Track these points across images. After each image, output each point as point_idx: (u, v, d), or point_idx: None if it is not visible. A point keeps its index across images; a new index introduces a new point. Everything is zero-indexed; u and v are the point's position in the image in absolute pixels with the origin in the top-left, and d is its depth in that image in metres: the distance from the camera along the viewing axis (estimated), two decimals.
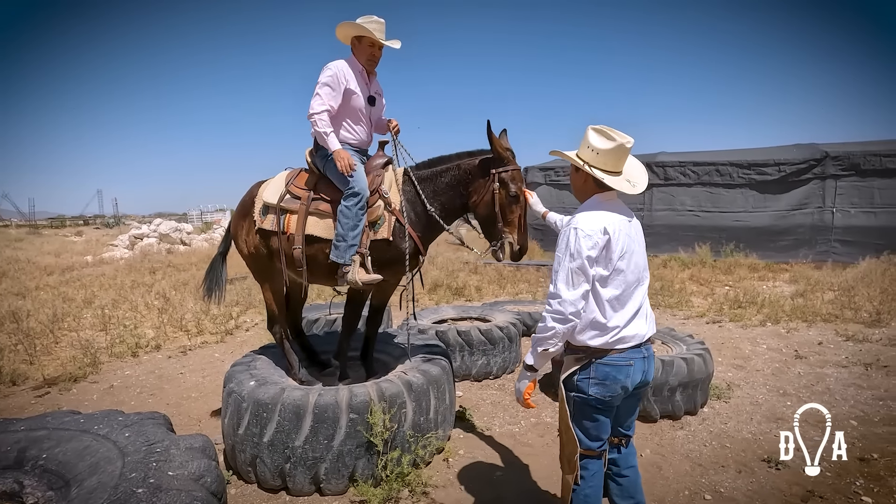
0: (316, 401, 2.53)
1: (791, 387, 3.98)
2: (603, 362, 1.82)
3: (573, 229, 1.78)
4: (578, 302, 1.75)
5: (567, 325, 1.75)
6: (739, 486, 2.65)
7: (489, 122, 2.67)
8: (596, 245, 1.76)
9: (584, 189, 1.95)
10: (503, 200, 2.73)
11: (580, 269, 1.74)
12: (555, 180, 13.03)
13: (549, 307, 1.77)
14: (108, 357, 5.03)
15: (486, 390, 4.09)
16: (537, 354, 1.83)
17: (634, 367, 1.86)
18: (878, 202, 9.93)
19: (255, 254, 3.15)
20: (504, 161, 2.73)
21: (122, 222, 44.43)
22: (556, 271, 1.78)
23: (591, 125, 1.88)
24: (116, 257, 13.67)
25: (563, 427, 1.91)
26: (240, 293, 7.55)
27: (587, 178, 1.90)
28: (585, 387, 1.83)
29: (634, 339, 1.85)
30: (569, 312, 1.73)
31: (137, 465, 1.67)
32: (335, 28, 2.96)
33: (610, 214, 1.84)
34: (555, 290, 1.76)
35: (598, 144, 1.84)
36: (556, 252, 1.82)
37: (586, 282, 1.75)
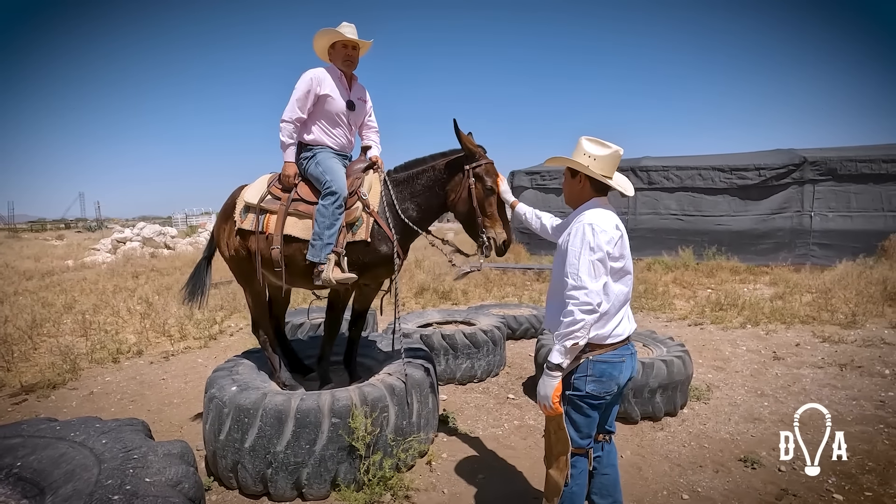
0: (298, 405, 2.53)
1: (769, 387, 4.07)
2: (599, 359, 1.89)
3: (587, 225, 1.84)
4: (601, 293, 1.80)
5: (594, 316, 1.79)
6: (716, 485, 2.70)
7: (455, 121, 2.70)
8: (612, 240, 1.84)
9: (580, 195, 2.04)
10: (480, 195, 2.75)
11: (601, 261, 1.81)
12: (540, 184, 13.14)
13: (575, 300, 1.78)
14: (88, 363, 4.96)
15: (471, 394, 4.11)
16: (566, 350, 1.82)
17: (626, 363, 1.94)
18: (854, 206, 10.19)
19: (237, 256, 3.15)
20: (476, 156, 2.76)
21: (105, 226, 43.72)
22: (573, 265, 1.82)
23: (584, 136, 1.99)
24: (98, 261, 13.45)
25: (555, 427, 1.93)
26: (224, 297, 7.49)
27: (585, 183, 2.00)
28: (582, 384, 1.89)
29: (624, 335, 1.94)
30: (595, 303, 1.77)
31: (114, 471, 1.66)
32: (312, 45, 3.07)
33: (613, 214, 1.95)
34: (579, 282, 1.79)
35: (595, 152, 1.96)
36: (570, 247, 1.86)
37: (606, 274, 1.83)
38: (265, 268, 3.05)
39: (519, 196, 13.38)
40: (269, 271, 3.06)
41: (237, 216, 3.09)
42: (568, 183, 2.09)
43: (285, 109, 2.92)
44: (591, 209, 1.95)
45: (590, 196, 2.01)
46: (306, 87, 2.90)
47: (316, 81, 2.92)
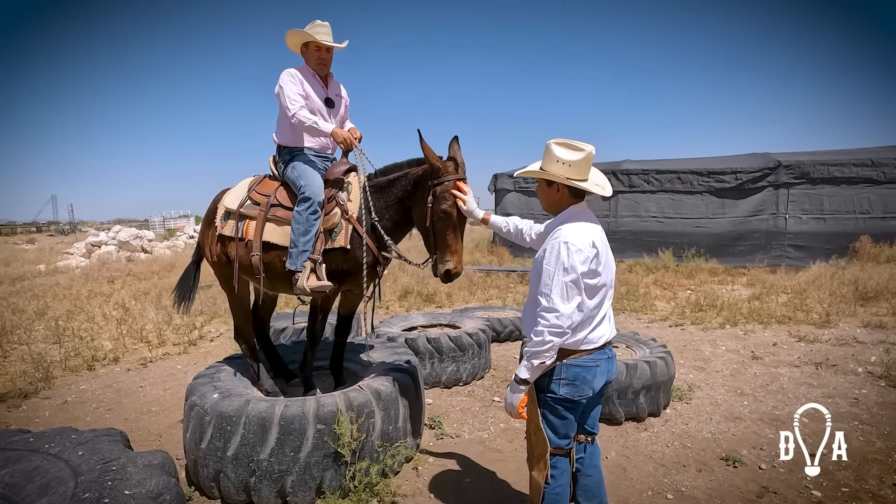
0: (282, 412, 2.49)
1: (748, 387, 4.15)
2: (572, 364, 1.89)
3: (563, 244, 1.81)
4: (574, 314, 1.79)
5: (563, 338, 1.80)
6: (699, 484, 2.74)
7: (419, 132, 2.53)
8: (587, 259, 1.81)
9: (559, 203, 1.99)
10: (434, 216, 2.53)
11: (574, 283, 1.78)
12: (524, 187, 13.22)
13: (545, 321, 1.78)
14: (62, 371, 4.81)
15: (456, 397, 4.11)
16: (533, 368, 1.84)
17: (601, 367, 1.94)
18: (827, 209, 10.50)
19: (219, 261, 3.10)
20: (438, 172, 2.52)
21: (79, 229, 42.58)
22: (547, 285, 1.80)
23: (552, 140, 1.94)
24: (72, 266, 13.09)
25: (534, 428, 1.96)
26: (204, 302, 7.35)
27: (562, 191, 1.95)
28: (556, 388, 1.90)
29: (600, 341, 1.93)
30: (566, 326, 1.77)
31: (91, 484, 1.61)
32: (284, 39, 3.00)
33: (591, 226, 1.91)
34: (550, 304, 1.78)
35: (567, 157, 1.89)
36: (545, 265, 1.83)
37: (579, 294, 1.80)
38: (246, 274, 3.00)
39: (503, 199, 13.46)
40: (250, 277, 3.01)
41: (218, 222, 3.04)
42: (544, 192, 2.04)
43: (287, 108, 2.78)
44: (568, 222, 1.91)
45: (568, 203, 1.97)
46: (292, 80, 2.85)
47: (297, 79, 2.88)
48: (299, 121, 2.78)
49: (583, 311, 1.84)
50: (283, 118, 2.91)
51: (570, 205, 1.97)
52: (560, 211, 1.99)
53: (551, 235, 1.91)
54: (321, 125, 2.79)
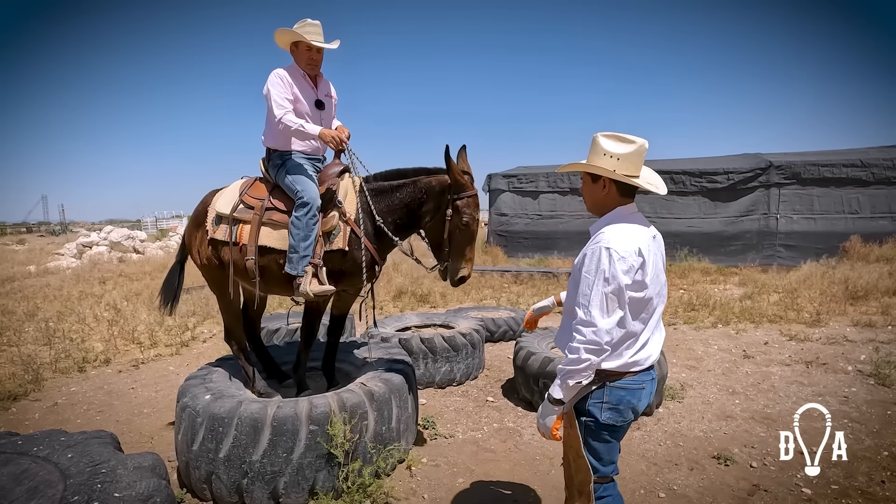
0: (275, 413, 2.48)
1: (739, 385, 4.18)
2: (617, 386, 1.71)
3: (604, 249, 1.60)
4: (614, 330, 1.59)
5: (602, 356, 1.60)
6: (691, 483, 2.75)
7: (447, 148, 2.63)
8: (631, 269, 1.61)
9: (605, 202, 1.78)
10: (454, 228, 2.69)
11: (615, 294, 1.58)
12: (518, 187, 13.25)
13: (581, 337, 1.59)
14: (52, 373, 4.76)
15: (450, 397, 4.11)
16: (568, 388, 1.65)
17: (646, 390, 1.75)
18: (817, 209, 10.61)
19: (209, 265, 3.07)
20: (461, 188, 2.68)
21: (70, 230, 42.20)
22: (585, 295, 1.61)
23: (599, 132, 1.74)
24: (63, 267, 12.97)
25: (573, 454, 1.77)
26: (197, 303, 7.30)
27: (609, 188, 1.75)
28: (597, 412, 1.71)
29: (647, 362, 1.74)
30: (605, 342, 1.58)
31: (80, 487, 1.59)
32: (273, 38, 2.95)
33: (639, 231, 1.69)
34: (587, 317, 1.59)
35: (616, 150, 1.69)
36: (584, 272, 1.63)
37: (621, 308, 1.60)
38: (241, 277, 2.98)
39: (497, 199, 13.48)
40: (244, 281, 2.99)
41: (209, 225, 3.00)
42: (588, 188, 1.82)
43: (274, 111, 2.76)
44: (610, 222, 1.71)
45: (615, 202, 1.76)
46: (280, 81, 2.81)
47: (286, 81, 2.84)
48: (286, 125, 2.76)
49: (625, 328, 1.64)
50: (271, 121, 2.86)
51: (617, 205, 1.76)
52: (606, 212, 1.78)
53: (593, 239, 1.71)
54: (307, 128, 2.76)
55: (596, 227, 1.77)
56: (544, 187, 12.93)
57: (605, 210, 1.78)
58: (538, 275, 9.28)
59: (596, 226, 1.78)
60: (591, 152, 1.75)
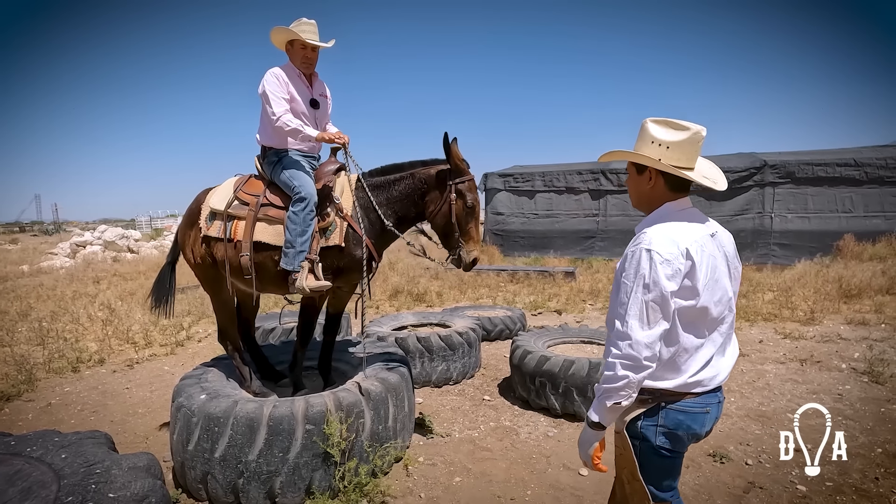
0: (270, 413, 2.47)
1: (734, 383, 4.20)
2: (675, 408, 1.49)
3: (645, 251, 1.41)
4: (655, 344, 1.40)
5: (642, 374, 1.40)
6: (687, 480, 2.76)
7: (447, 134, 2.72)
8: (677, 273, 1.40)
9: (651, 196, 1.57)
10: (460, 211, 2.79)
11: (657, 302, 1.39)
12: (513, 186, 13.26)
13: (617, 350, 1.41)
14: (46, 373, 4.73)
15: (447, 396, 4.11)
16: (606, 409, 1.45)
17: (710, 414, 1.53)
18: (812, 208, 10.67)
19: (203, 263, 3.05)
20: (461, 172, 2.78)
21: (63, 229, 41.92)
22: (623, 304, 1.42)
23: (649, 118, 1.53)
24: (56, 266, 12.89)
25: (628, 476, 1.57)
26: (192, 303, 7.28)
27: (656, 181, 1.54)
28: (651, 435, 1.51)
29: (713, 382, 1.51)
30: (644, 357, 1.38)
31: (74, 488, 1.58)
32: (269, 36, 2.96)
33: (690, 229, 1.48)
34: (624, 328, 1.40)
35: (667, 137, 1.49)
36: (623, 278, 1.45)
37: (665, 319, 1.40)
38: (234, 275, 2.97)
39: (492, 199, 13.49)
40: (238, 279, 2.98)
41: (203, 223, 2.99)
42: (633, 181, 1.61)
43: (272, 111, 2.77)
44: (656, 221, 1.51)
45: (663, 197, 1.55)
46: (276, 81, 2.82)
47: (282, 80, 2.84)
48: (283, 125, 2.77)
49: (677, 342, 1.45)
50: (266, 120, 2.87)
51: (666, 200, 1.55)
52: (653, 208, 1.57)
53: (634, 239, 1.50)
54: (306, 130, 2.80)
55: (640, 226, 1.56)
56: (540, 186, 12.94)
57: (652, 206, 1.57)
58: (534, 274, 9.30)
59: (641, 225, 1.57)
60: (639, 140, 1.54)
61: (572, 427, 3.43)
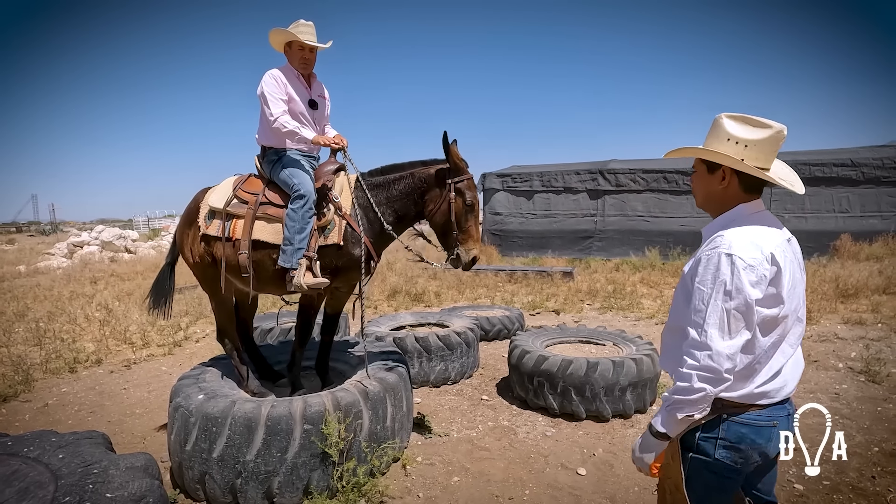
0: (268, 413, 2.46)
1: None
2: (738, 421, 1.39)
3: (725, 256, 1.31)
4: (737, 355, 1.30)
5: (721, 386, 1.30)
6: None
7: (446, 133, 2.73)
8: (762, 280, 1.30)
9: (723, 198, 1.46)
10: (459, 210, 2.80)
11: (740, 311, 1.29)
12: (512, 186, 13.28)
13: (694, 362, 1.30)
14: (43, 374, 4.71)
15: (445, 396, 4.11)
16: (676, 421, 1.37)
17: (777, 428, 1.45)
18: (809, 208, 10.71)
19: (201, 262, 3.05)
20: (460, 171, 2.80)
21: (60, 229, 41.82)
22: (700, 312, 1.32)
23: (723, 113, 1.43)
24: (53, 266, 12.85)
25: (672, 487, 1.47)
26: (189, 303, 7.26)
27: (730, 181, 1.42)
28: (710, 448, 1.40)
29: (780, 394, 1.42)
30: (725, 369, 1.28)
31: (72, 488, 1.58)
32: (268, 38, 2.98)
33: (769, 233, 1.37)
34: (703, 338, 1.30)
35: (745, 135, 1.38)
36: (697, 284, 1.34)
37: (747, 328, 1.30)
38: (232, 274, 2.97)
39: (491, 199, 13.51)
40: (237, 277, 2.98)
41: (201, 221, 2.99)
42: (702, 180, 1.49)
43: (271, 112, 2.78)
44: (732, 224, 1.40)
45: (736, 199, 1.43)
46: (275, 82, 2.84)
47: (281, 81, 2.86)
48: (280, 126, 2.79)
49: (752, 353, 1.35)
50: (265, 120, 2.88)
51: (739, 202, 1.43)
52: (723, 210, 1.46)
53: (708, 243, 1.40)
54: (303, 132, 2.81)
55: (711, 228, 1.47)
56: (538, 186, 12.96)
57: (722, 208, 1.46)
58: (532, 273, 9.31)
59: (711, 227, 1.47)
60: (712, 136, 1.44)
61: (570, 426, 3.44)
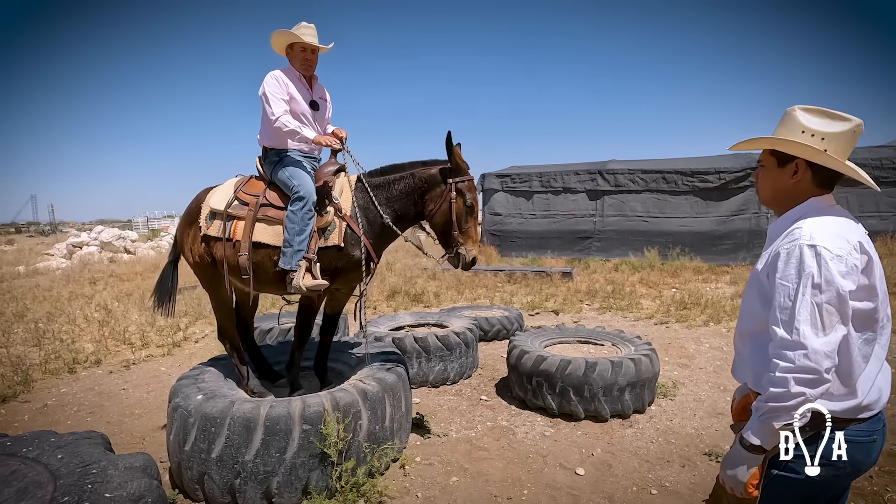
0: (267, 413, 2.47)
1: (730, 383, 4.21)
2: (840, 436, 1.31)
3: (807, 247, 1.21)
4: (835, 353, 1.19)
5: (821, 388, 1.20)
6: (683, 479, 2.78)
7: (450, 133, 2.74)
8: (853, 270, 1.20)
9: (794, 192, 1.37)
10: (460, 210, 2.82)
11: (832, 304, 1.19)
12: (511, 187, 13.27)
13: (787, 363, 1.20)
14: (42, 374, 4.71)
15: (444, 396, 4.11)
16: (772, 432, 1.27)
17: (877, 443, 1.33)
18: None
19: (201, 262, 3.06)
20: (461, 171, 2.82)
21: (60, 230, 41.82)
22: (786, 309, 1.22)
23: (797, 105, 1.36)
24: (52, 267, 12.83)
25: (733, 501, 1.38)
26: (189, 303, 7.26)
27: (803, 174, 1.34)
28: (801, 466, 1.31)
29: (878, 405, 1.31)
30: (824, 368, 1.18)
31: (70, 488, 1.58)
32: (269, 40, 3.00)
33: (850, 224, 1.29)
34: (795, 336, 1.19)
35: (822, 128, 1.30)
36: (779, 280, 1.25)
37: (843, 322, 1.20)
38: (232, 274, 2.98)
39: (490, 199, 13.51)
40: (237, 278, 2.99)
41: (202, 222, 3.00)
42: (771, 175, 1.40)
43: (272, 111, 2.79)
44: (812, 217, 1.29)
45: (808, 194, 1.35)
46: (276, 82, 2.86)
47: (282, 81, 2.88)
48: (281, 125, 2.80)
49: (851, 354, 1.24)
50: (266, 121, 2.90)
51: (809, 196, 1.35)
52: (792, 205, 1.37)
53: (785, 236, 1.30)
54: (304, 131, 2.82)
55: (780, 224, 1.38)
56: (538, 187, 12.96)
57: (792, 203, 1.38)
58: (531, 274, 9.31)
59: (780, 223, 1.38)
60: (783, 129, 1.36)
61: (569, 427, 3.44)
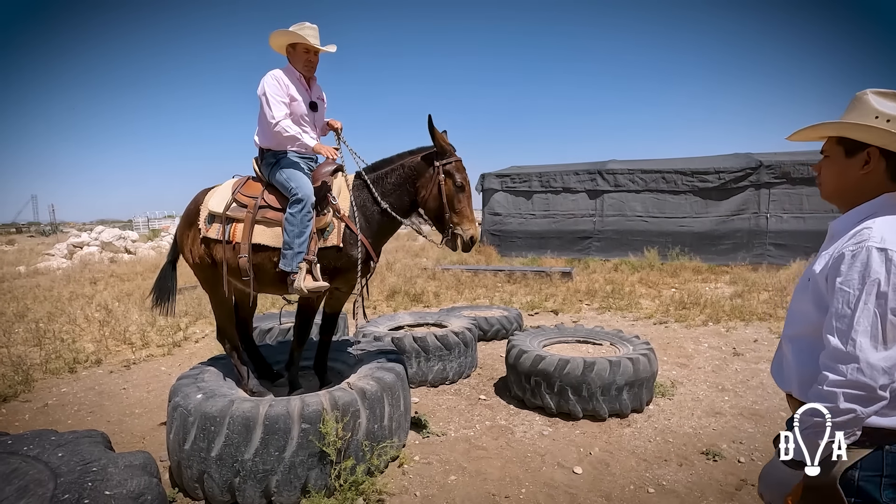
0: (266, 412, 2.48)
1: (729, 382, 4.23)
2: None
3: (877, 251, 1.12)
4: (894, 369, 1.11)
5: (874, 406, 1.12)
6: (680, 478, 2.79)
7: (430, 117, 2.76)
8: None
9: (863, 185, 1.26)
10: (450, 191, 2.82)
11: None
12: (511, 187, 13.28)
13: (839, 376, 1.13)
14: (43, 374, 4.73)
15: (443, 395, 4.12)
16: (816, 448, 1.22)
17: None
18: (807, 208, 10.71)
19: (201, 263, 3.07)
20: (446, 153, 2.82)
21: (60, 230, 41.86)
22: (844, 317, 1.13)
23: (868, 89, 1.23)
24: (53, 267, 12.85)
25: None
26: (189, 303, 7.28)
27: (874, 165, 1.23)
28: (874, 490, 1.20)
29: None
30: (879, 385, 1.10)
31: (71, 486, 1.60)
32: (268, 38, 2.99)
33: None
34: (849, 348, 1.11)
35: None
36: (840, 284, 1.16)
37: None
38: (233, 276, 2.99)
39: (490, 199, 13.52)
40: (237, 279, 3.00)
41: (202, 224, 3.01)
42: (837, 165, 1.30)
43: (272, 114, 2.79)
44: (884, 215, 1.19)
45: (879, 188, 1.24)
46: (277, 83, 2.85)
47: (282, 81, 2.88)
48: (282, 130, 2.81)
49: None
50: (265, 121, 2.89)
51: (883, 191, 1.24)
52: (859, 200, 1.26)
53: (852, 236, 1.20)
54: (304, 139, 2.83)
55: (846, 221, 1.28)
56: (537, 187, 12.97)
57: (860, 198, 1.26)
58: (531, 274, 9.33)
59: (846, 220, 1.28)
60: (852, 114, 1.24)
61: (567, 426, 3.45)
